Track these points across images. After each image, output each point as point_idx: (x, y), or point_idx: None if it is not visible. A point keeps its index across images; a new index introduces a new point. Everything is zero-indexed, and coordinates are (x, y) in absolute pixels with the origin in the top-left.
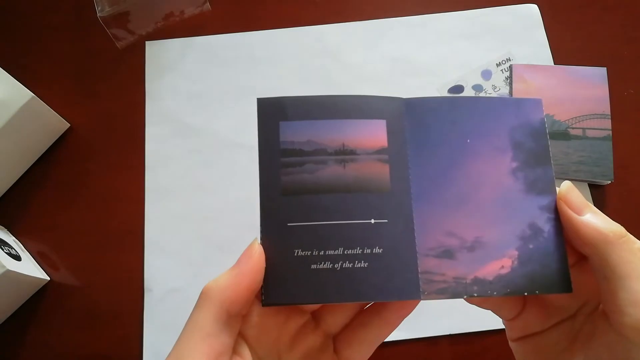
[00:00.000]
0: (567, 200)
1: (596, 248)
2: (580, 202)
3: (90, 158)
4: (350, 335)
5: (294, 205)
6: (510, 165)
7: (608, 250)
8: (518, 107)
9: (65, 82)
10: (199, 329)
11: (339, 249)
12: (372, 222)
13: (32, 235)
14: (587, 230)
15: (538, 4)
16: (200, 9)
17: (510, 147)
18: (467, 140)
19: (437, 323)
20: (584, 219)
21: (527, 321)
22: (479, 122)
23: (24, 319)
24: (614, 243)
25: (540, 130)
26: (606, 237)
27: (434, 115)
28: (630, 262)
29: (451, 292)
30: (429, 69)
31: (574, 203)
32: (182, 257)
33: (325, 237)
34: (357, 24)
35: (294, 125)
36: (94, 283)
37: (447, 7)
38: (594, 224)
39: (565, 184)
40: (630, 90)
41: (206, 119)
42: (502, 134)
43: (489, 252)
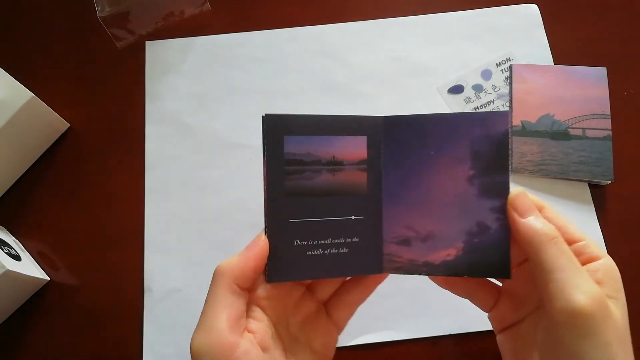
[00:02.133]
0: (514, 204)
1: (532, 246)
2: (526, 207)
3: (90, 158)
4: (337, 300)
5: (295, 205)
6: (468, 173)
7: (541, 248)
8: (483, 121)
9: (65, 82)
10: (219, 300)
11: (328, 239)
12: (352, 218)
13: (32, 235)
14: (525, 231)
15: (538, 4)
16: (200, 9)
17: (470, 158)
18: (431, 152)
19: (438, 323)
20: (524, 221)
21: (503, 312)
22: (444, 136)
23: (24, 319)
24: (546, 242)
25: (502, 141)
26: (540, 237)
27: (407, 130)
28: (557, 258)
29: (405, 270)
30: (429, 69)
31: (520, 207)
32: (182, 257)
33: (318, 230)
34: (357, 24)
35: (295, 139)
36: (94, 283)
37: (447, 7)
38: (532, 225)
39: (515, 190)
40: (630, 90)
41: (206, 119)
42: (463, 146)
43: (438, 243)
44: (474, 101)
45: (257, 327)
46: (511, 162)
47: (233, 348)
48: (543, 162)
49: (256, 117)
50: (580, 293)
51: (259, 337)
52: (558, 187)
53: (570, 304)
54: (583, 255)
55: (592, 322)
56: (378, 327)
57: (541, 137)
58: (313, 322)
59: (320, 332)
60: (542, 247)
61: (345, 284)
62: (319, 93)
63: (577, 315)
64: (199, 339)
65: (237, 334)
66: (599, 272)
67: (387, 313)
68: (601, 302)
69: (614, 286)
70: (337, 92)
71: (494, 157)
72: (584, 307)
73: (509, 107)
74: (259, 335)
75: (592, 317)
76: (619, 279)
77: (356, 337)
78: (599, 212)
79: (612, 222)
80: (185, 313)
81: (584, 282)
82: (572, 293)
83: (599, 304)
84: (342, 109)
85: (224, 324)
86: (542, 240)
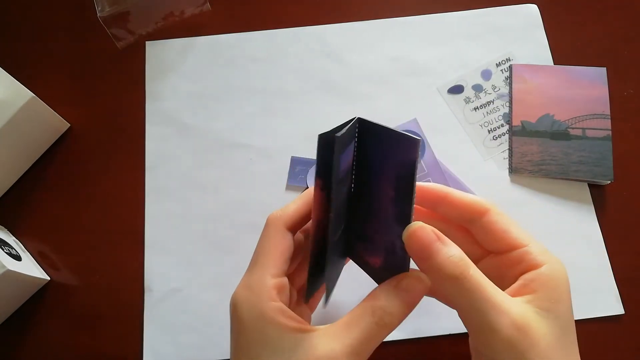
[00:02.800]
0: (409, 246)
1: (440, 288)
2: (420, 249)
3: (90, 158)
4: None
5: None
6: (391, 193)
7: (449, 291)
8: (398, 143)
9: (65, 82)
10: (275, 233)
11: None
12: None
13: (32, 235)
14: (429, 276)
15: (538, 4)
16: (200, 9)
17: (394, 178)
18: (381, 161)
19: (437, 323)
20: (422, 269)
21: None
22: (384, 152)
23: (24, 319)
24: (451, 286)
25: (409, 170)
26: (443, 281)
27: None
28: (467, 299)
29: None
30: (428, 69)
31: (415, 251)
32: (182, 257)
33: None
34: (357, 24)
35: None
36: (94, 283)
37: (447, 7)
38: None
39: (406, 231)
40: (630, 90)
41: (206, 119)
42: (392, 165)
43: (373, 249)
44: (474, 101)
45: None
46: (511, 162)
47: (277, 314)
48: (543, 162)
49: (256, 117)
50: (497, 334)
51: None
52: (558, 187)
53: (490, 347)
54: (522, 262)
55: (514, 354)
56: None
57: (541, 137)
58: (295, 308)
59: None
60: (449, 291)
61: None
62: (319, 93)
63: (498, 352)
64: (242, 296)
65: (281, 297)
66: (534, 282)
67: None
68: (522, 331)
69: (549, 296)
70: (337, 92)
71: (403, 184)
72: (504, 346)
73: (508, 107)
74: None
75: (515, 349)
76: (559, 287)
77: None
78: (599, 212)
79: (612, 222)
80: (185, 313)
81: (500, 318)
82: (491, 336)
83: (519, 336)
84: (342, 109)
85: (270, 282)
86: (445, 285)
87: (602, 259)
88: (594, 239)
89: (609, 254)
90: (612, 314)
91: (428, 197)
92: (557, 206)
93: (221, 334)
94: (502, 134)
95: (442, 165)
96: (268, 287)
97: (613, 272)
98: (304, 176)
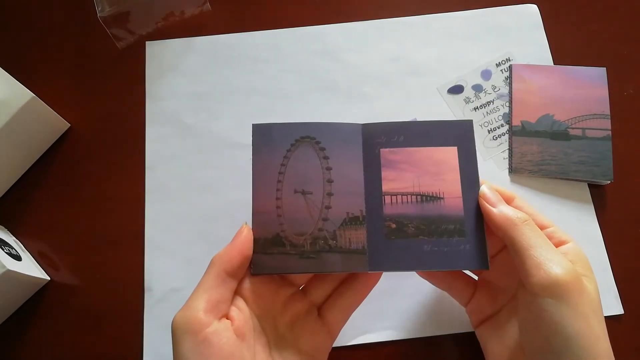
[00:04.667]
0: (484, 196)
1: (507, 230)
2: (496, 198)
3: (90, 158)
4: (331, 304)
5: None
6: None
7: (514, 230)
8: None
9: (65, 82)
10: (204, 284)
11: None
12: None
13: (33, 235)
14: (499, 217)
15: (538, 4)
16: (201, 9)
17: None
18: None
19: (438, 323)
20: (497, 210)
21: (480, 305)
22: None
23: (24, 319)
24: (518, 225)
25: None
26: (512, 221)
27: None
28: (530, 237)
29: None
30: (429, 69)
31: (490, 198)
32: (182, 257)
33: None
34: (357, 24)
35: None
36: (94, 283)
37: (447, 7)
38: (505, 212)
39: (484, 186)
40: (630, 90)
41: (206, 119)
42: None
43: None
44: (474, 101)
45: (237, 315)
46: (511, 162)
47: (204, 326)
48: (543, 162)
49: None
50: (556, 266)
51: (236, 325)
52: (558, 187)
53: (548, 276)
54: (552, 239)
55: (570, 293)
56: (378, 327)
57: (541, 137)
58: (303, 323)
59: (310, 334)
60: (517, 229)
61: (339, 287)
62: (319, 93)
63: (556, 286)
64: (178, 315)
65: (212, 315)
66: (568, 254)
67: (387, 313)
68: (576, 275)
69: (584, 266)
70: (337, 92)
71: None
72: (561, 278)
73: (508, 107)
74: (236, 322)
75: (569, 287)
76: (587, 261)
77: (356, 337)
78: (599, 212)
79: (612, 222)
80: None
81: (559, 257)
82: (549, 266)
83: (574, 276)
84: (342, 109)
85: (201, 304)
86: (515, 223)
87: (602, 259)
88: (594, 239)
89: (609, 254)
90: (611, 313)
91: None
92: (557, 206)
93: None
94: (502, 134)
95: None
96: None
97: (613, 272)
98: None
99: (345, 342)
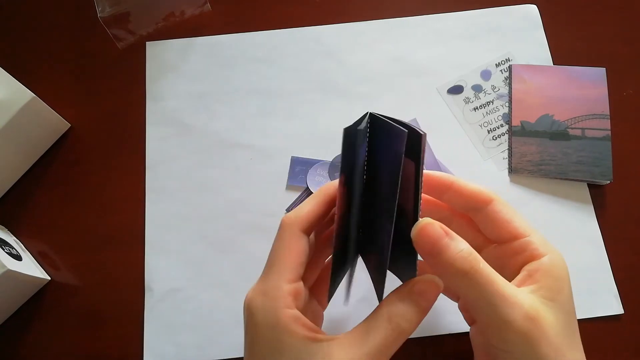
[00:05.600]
0: (417, 246)
1: (449, 282)
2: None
3: (90, 158)
4: (319, 281)
5: None
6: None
7: (459, 287)
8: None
9: (66, 82)
10: (290, 237)
11: None
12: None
13: (33, 235)
14: (438, 273)
15: (538, 4)
16: (201, 10)
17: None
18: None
19: (438, 322)
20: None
21: None
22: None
23: (24, 319)
24: (461, 281)
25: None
26: (454, 277)
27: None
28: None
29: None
30: (428, 69)
31: (424, 250)
32: (182, 257)
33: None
34: (357, 24)
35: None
36: (94, 283)
37: (446, 7)
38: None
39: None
40: (630, 90)
41: (206, 119)
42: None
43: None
44: (474, 101)
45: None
46: (510, 162)
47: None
48: (542, 162)
49: (256, 117)
50: (510, 325)
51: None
52: (557, 187)
53: (503, 339)
54: (525, 252)
55: (527, 344)
56: None
57: (540, 137)
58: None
59: (311, 313)
60: (459, 285)
61: (326, 266)
62: (318, 93)
63: (511, 344)
64: (257, 301)
65: (296, 303)
66: (537, 272)
67: None
68: (534, 321)
69: (552, 286)
70: (337, 92)
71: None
72: (517, 337)
73: (508, 107)
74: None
75: (527, 339)
76: (561, 277)
77: None
78: (598, 212)
79: (612, 222)
80: (185, 313)
81: (513, 310)
82: (504, 328)
83: (531, 326)
84: (342, 109)
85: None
86: (455, 280)
87: (601, 259)
88: (594, 239)
89: (609, 254)
90: (611, 313)
91: (434, 184)
92: (557, 206)
93: (221, 333)
94: (501, 134)
95: (441, 165)
96: (284, 293)
97: (613, 272)
98: (304, 176)
99: None
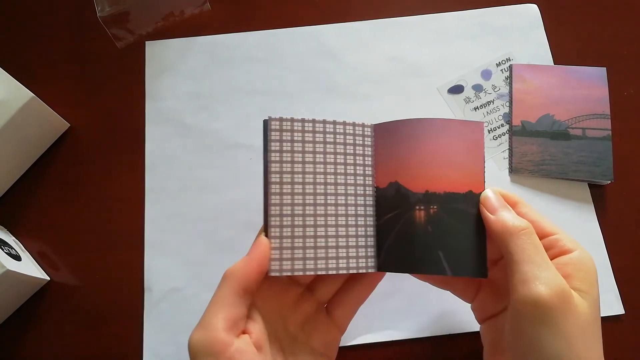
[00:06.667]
0: (484, 202)
1: (501, 239)
2: (497, 204)
3: (90, 158)
4: (338, 300)
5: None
6: None
7: (509, 240)
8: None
9: (65, 82)
10: (221, 301)
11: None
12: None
13: (32, 235)
14: (495, 226)
15: (538, 4)
16: (200, 9)
17: None
18: None
19: (438, 323)
20: (494, 217)
21: (484, 303)
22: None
23: (24, 319)
24: (514, 234)
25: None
26: (509, 230)
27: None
28: (524, 250)
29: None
30: (429, 69)
31: (489, 204)
32: (182, 257)
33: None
34: (357, 24)
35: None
36: (94, 283)
37: (447, 7)
38: (501, 220)
39: (487, 190)
40: (630, 90)
41: (206, 119)
42: None
43: None
44: (474, 101)
45: (253, 327)
46: (511, 162)
47: (227, 346)
48: (543, 162)
49: (256, 117)
50: (541, 285)
51: (255, 337)
52: (558, 187)
53: (530, 295)
54: (554, 248)
55: (551, 313)
56: (378, 327)
57: (541, 137)
58: (313, 321)
59: (321, 331)
60: (511, 239)
61: (345, 283)
62: (318, 93)
63: (536, 306)
64: (196, 335)
65: (233, 333)
66: (568, 266)
67: (387, 313)
68: (563, 294)
69: (584, 279)
70: (337, 93)
71: None
72: (543, 298)
73: (508, 107)
74: (254, 335)
75: (551, 308)
76: (591, 273)
77: (356, 337)
78: (599, 212)
79: (612, 222)
80: (185, 313)
81: (548, 274)
82: (533, 285)
83: (559, 296)
84: (342, 109)
85: (221, 323)
86: (512, 233)
87: (602, 259)
88: (594, 239)
89: (609, 254)
90: (612, 313)
91: None
92: (557, 206)
93: None
94: (502, 133)
95: None
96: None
97: (613, 272)
98: None
99: (345, 342)
